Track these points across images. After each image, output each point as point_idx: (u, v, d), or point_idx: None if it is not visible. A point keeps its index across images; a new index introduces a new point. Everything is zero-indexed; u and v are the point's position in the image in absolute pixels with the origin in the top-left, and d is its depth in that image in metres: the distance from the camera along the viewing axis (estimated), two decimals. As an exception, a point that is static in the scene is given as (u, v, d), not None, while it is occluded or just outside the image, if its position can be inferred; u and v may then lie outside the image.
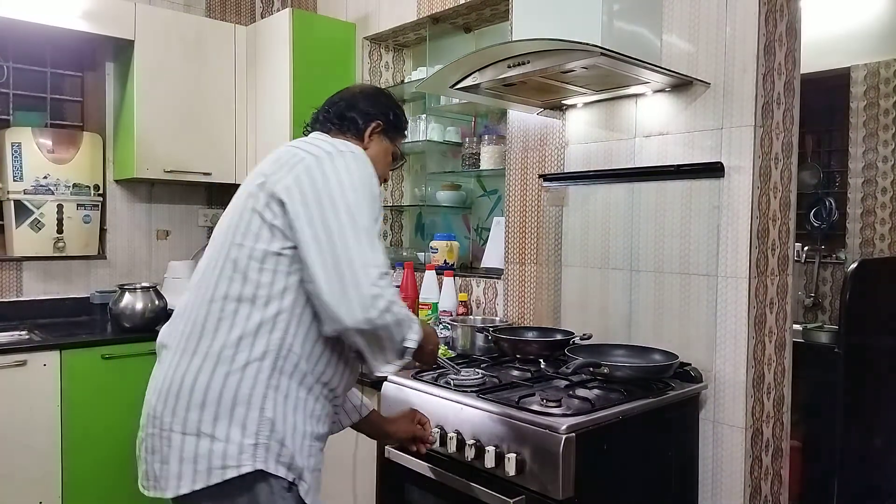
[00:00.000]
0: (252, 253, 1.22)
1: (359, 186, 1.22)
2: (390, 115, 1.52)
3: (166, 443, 1.19)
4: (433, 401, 1.79)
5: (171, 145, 2.99)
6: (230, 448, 1.17)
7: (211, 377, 1.18)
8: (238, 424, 1.18)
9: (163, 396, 1.21)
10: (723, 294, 1.90)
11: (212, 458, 1.16)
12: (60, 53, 3.14)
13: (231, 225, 1.27)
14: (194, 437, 1.17)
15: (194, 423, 1.17)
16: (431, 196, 3.04)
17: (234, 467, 1.16)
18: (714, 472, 1.92)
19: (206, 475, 1.16)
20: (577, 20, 1.87)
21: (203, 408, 1.18)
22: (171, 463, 1.18)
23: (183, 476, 1.17)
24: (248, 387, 1.19)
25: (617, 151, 2.17)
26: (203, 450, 1.17)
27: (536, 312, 2.42)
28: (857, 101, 3.01)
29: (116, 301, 2.75)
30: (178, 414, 1.18)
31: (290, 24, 2.92)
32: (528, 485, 1.53)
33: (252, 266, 1.22)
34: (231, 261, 1.23)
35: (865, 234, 2.98)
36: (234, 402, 1.18)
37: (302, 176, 1.21)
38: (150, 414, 1.23)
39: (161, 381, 1.24)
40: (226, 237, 1.27)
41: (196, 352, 1.21)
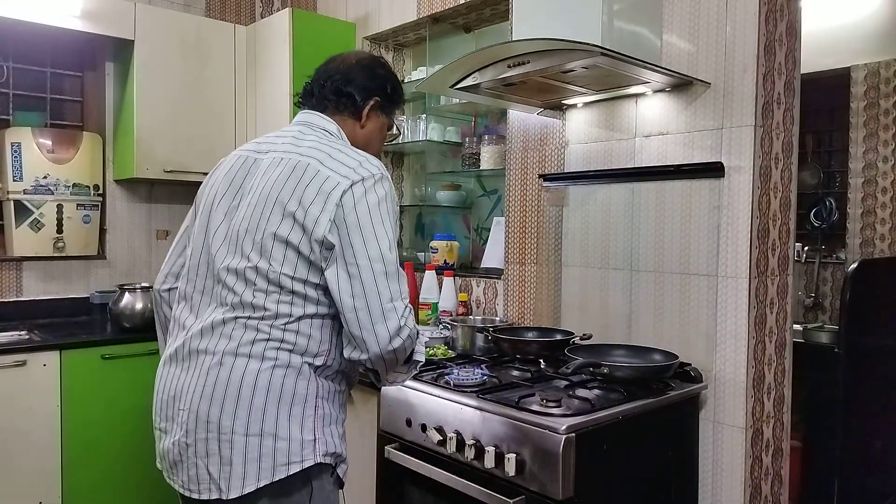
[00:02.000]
0: (283, 271, 1.26)
1: (387, 219, 1.28)
2: (388, 89, 1.48)
3: (227, 445, 1.22)
4: (433, 401, 1.79)
5: (171, 145, 2.99)
6: (293, 445, 1.24)
7: (271, 379, 1.24)
8: (297, 423, 1.25)
9: (218, 400, 1.24)
10: (723, 294, 1.90)
11: (276, 456, 1.22)
12: (60, 53, 3.14)
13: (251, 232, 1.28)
14: (257, 438, 1.22)
15: (258, 425, 1.22)
16: (431, 196, 3.04)
17: (298, 462, 1.24)
18: (714, 472, 1.92)
19: (270, 472, 1.22)
20: (577, 20, 1.87)
21: (265, 410, 1.23)
22: (234, 464, 1.22)
23: (248, 475, 1.22)
24: (304, 387, 1.26)
25: (617, 151, 2.17)
26: (267, 449, 1.22)
27: (536, 312, 2.42)
28: (857, 101, 3.01)
29: (116, 301, 2.75)
30: (241, 417, 1.22)
31: (290, 23, 2.92)
32: (528, 485, 1.53)
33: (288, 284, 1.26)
34: (263, 275, 1.26)
35: (866, 234, 2.98)
36: (294, 400, 1.25)
37: (339, 214, 1.24)
38: (202, 418, 1.24)
39: (212, 385, 1.25)
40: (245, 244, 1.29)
41: (251, 356, 1.24)
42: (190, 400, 1.27)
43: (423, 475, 1.77)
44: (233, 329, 1.27)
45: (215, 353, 1.27)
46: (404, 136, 3.06)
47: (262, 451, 1.22)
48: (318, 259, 1.25)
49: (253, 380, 1.23)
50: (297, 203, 1.25)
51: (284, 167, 1.30)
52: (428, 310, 2.62)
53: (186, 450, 1.27)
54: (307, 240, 1.24)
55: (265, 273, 1.26)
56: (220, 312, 1.29)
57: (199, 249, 1.38)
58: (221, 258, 1.32)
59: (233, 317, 1.27)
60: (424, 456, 1.77)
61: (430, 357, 2.20)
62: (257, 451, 1.22)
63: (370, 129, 1.47)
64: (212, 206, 1.38)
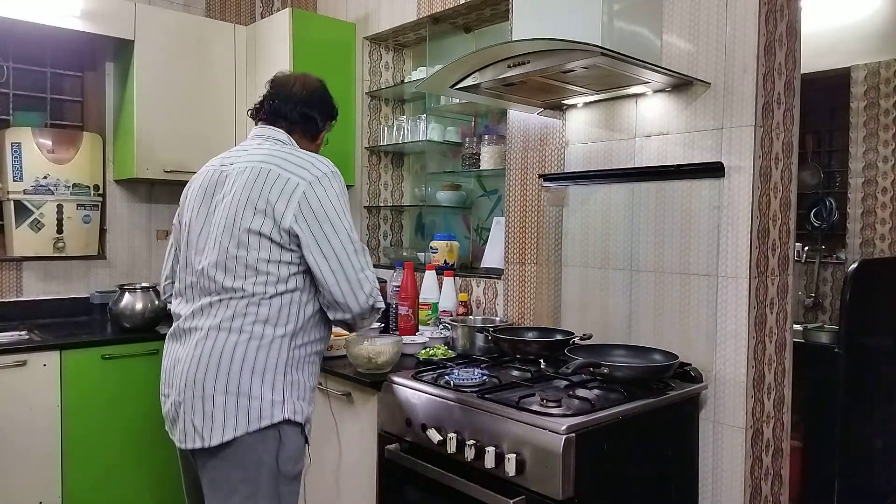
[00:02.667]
0: (260, 256, 1.52)
1: (345, 208, 1.57)
2: (335, 111, 1.82)
3: (210, 402, 1.49)
4: (433, 401, 1.80)
5: (171, 145, 2.99)
6: (265, 404, 1.51)
7: (246, 349, 1.51)
8: (269, 386, 1.52)
9: (203, 366, 1.51)
10: (723, 294, 1.90)
11: (250, 413, 1.50)
12: (60, 53, 3.14)
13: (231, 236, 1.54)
14: (234, 396, 1.49)
15: (234, 385, 1.49)
16: (431, 196, 3.04)
17: (268, 418, 1.51)
18: (714, 472, 1.92)
19: (245, 425, 1.49)
20: (577, 20, 1.87)
21: (241, 373, 1.50)
22: (215, 418, 1.49)
23: (226, 427, 1.49)
24: (275, 357, 1.53)
25: (617, 151, 2.17)
26: (242, 406, 1.49)
27: (536, 312, 2.42)
28: (858, 101, 3.01)
29: (116, 301, 2.75)
30: (221, 379, 1.49)
31: (290, 24, 2.92)
32: (528, 485, 1.53)
33: (263, 267, 1.53)
34: (242, 262, 1.53)
35: (866, 234, 2.98)
36: (265, 370, 1.52)
37: (303, 206, 1.52)
38: (190, 382, 1.51)
39: (199, 355, 1.51)
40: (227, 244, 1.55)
41: (231, 330, 1.51)
42: (183, 367, 1.54)
43: (423, 475, 1.77)
44: (217, 309, 1.54)
45: (201, 328, 1.54)
46: (404, 136, 3.06)
47: (239, 407, 1.49)
48: (287, 243, 1.52)
49: (231, 350, 1.51)
50: (266, 202, 1.52)
51: (250, 174, 1.56)
52: (428, 310, 2.62)
53: (180, 407, 1.53)
54: (276, 229, 1.52)
55: (244, 260, 1.53)
56: (207, 299, 1.56)
57: (185, 253, 1.65)
58: (205, 257, 1.58)
59: (217, 300, 1.54)
60: (424, 456, 1.78)
61: (430, 357, 2.20)
62: (234, 408, 1.49)
63: (318, 143, 1.82)
64: (190, 217, 1.65)
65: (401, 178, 3.39)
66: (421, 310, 2.64)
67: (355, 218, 3.27)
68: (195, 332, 1.55)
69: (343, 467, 2.15)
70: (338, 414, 2.16)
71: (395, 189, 3.37)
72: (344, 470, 2.15)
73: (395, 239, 3.38)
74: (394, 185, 3.37)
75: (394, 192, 3.37)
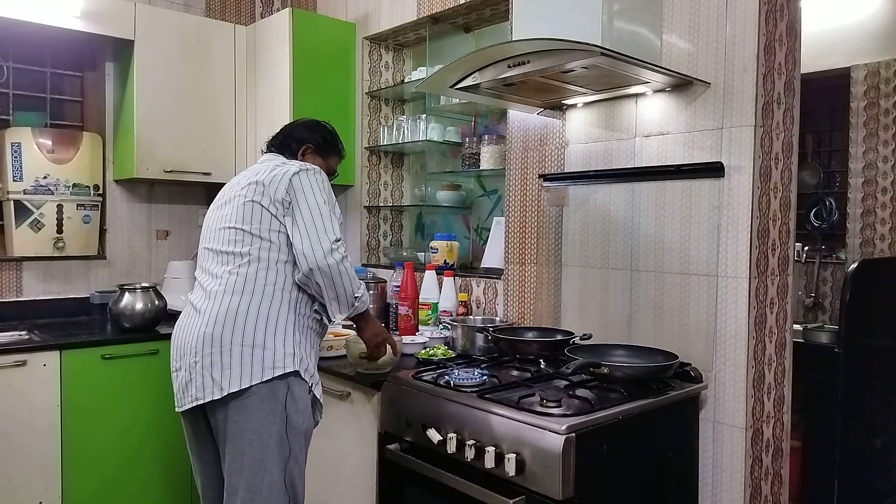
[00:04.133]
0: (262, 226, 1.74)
1: (322, 188, 1.79)
2: (319, 140, 2.01)
3: (228, 354, 1.65)
4: (433, 401, 1.80)
5: (170, 145, 2.99)
6: (277, 354, 1.66)
7: (259, 307, 1.68)
8: (281, 338, 1.68)
9: (220, 322, 1.67)
10: (723, 294, 1.90)
11: (265, 363, 1.65)
12: (60, 53, 3.14)
13: (237, 213, 1.77)
14: (250, 348, 1.65)
15: (250, 338, 1.65)
16: (431, 196, 3.04)
17: (282, 367, 1.66)
18: (714, 472, 1.92)
19: (260, 373, 1.64)
20: (577, 20, 1.87)
21: (256, 328, 1.66)
22: (232, 368, 1.64)
23: (243, 376, 1.63)
24: (284, 316, 1.71)
25: (617, 151, 2.17)
26: (258, 357, 1.65)
27: (536, 312, 2.42)
28: (857, 101, 3.01)
29: (116, 301, 2.75)
30: (237, 332, 1.65)
31: (290, 24, 2.92)
32: (528, 485, 1.53)
33: (266, 235, 1.74)
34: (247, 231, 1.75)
35: (865, 234, 2.98)
36: (277, 323, 1.68)
37: (292, 184, 1.76)
38: (208, 338, 1.66)
39: (216, 313, 1.68)
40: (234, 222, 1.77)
41: (244, 292, 1.69)
42: (199, 328, 1.69)
43: (423, 475, 1.77)
44: (226, 276, 1.72)
45: (213, 293, 1.72)
46: (404, 136, 3.06)
47: (254, 358, 1.64)
48: (280, 214, 1.73)
49: (246, 307, 1.68)
50: (264, 184, 1.76)
51: (249, 174, 1.83)
52: (428, 310, 2.62)
53: (195, 366, 1.67)
54: (271, 202, 1.74)
55: (248, 230, 1.74)
56: (215, 267, 1.75)
57: (200, 249, 1.87)
58: (216, 235, 1.80)
59: (226, 269, 1.73)
60: (424, 456, 1.78)
61: (430, 357, 2.20)
62: (250, 358, 1.64)
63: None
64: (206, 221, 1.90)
65: (401, 178, 3.39)
66: (421, 310, 2.64)
67: (355, 218, 3.27)
68: (206, 298, 1.73)
69: (343, 467, 2.15)
70: (338, 414, 2.16)
71: (394, 189, 3.37)
72: (344, 470, 2.14)
73: (394, 239, 3.38)
74: (394, 185, 3.37)
75: (394, 192, 3.37)
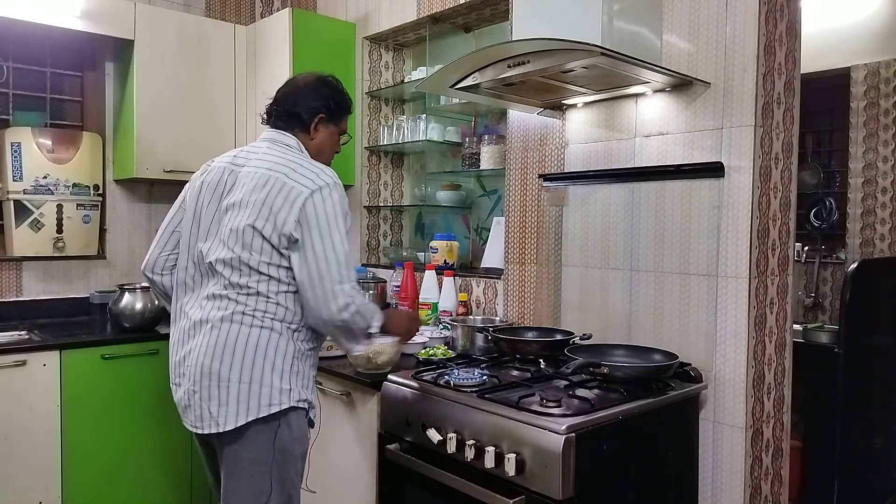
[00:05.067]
0: (262, 259, 1.61)
1: (339, 220, 1.63)
2: (331, 104, 1.79)
3: (225, 390, 1.59)
4: (433, 401, 1.80)
5: (170, 145, 2.99)
6: (274, 392, 1.61)
7: (258, 342, 1.61)
8: (278, 375, 1.62)
9: (218, 356, 1.60)
10: (723, 294, 1.90)
11: (261, 399, 1.60)
12: (60, 53, 3.14)
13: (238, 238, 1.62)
14: (248, 385, 1.59)
15: (248, 374, 1.59)
16: (431, 196, 3.04)
17: (277, 404, 1.61)
18: (714, 472, 1.92)
19: (256, 410, 1.60)
20: (577, 20, 1.87)
21: (254, 364, 1.60)
22: (229, 405, 1.59)
23: (239, 413, 1.59)
24: (283, 349, 1.63)
25: (617, 151, 2.17)
26: (254, 393, 1.60)
27: (536, 312, 2.42)
28: (857, 101, 3.01)
29: (116, 301, 2.75)
30: (235, 368, 1.59)
31: (290, 23, 2.92)
32: (528, 485, 1.53)
33: (265, 270, 1.62)
34: (246, 263, 1.62)
35: (865, 234, 2.98)
36: (275, 359, 1.62)
37: (302, 214, 1.60)
38: (206, 371, 1.60)
39: (213, 345, 1.60)
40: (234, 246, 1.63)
41: (243, 323, 1.61)
42: (196, 358, 1.62)
43: (423, 475, 1.77)
44: (226, 303, 1.62)
45: (212, 320, 1.62)
46: (404, 136, 3.06)
47: (251, 394, 1.59)
48: (285, 248, 1.61)
49: (244, 340, 1.60)
50: (269, 209, 1.60)
51: (258, 181, 1.63)
52: (428, 310, 2.62)
53: (194, 395, 1.63)
54: (277, 234, 1.60)
55: (247, 261, 1.61)
56: (215, 289, 1.64)
57: (192, 246, 1.71)
58: (214, 253, 1.65)
59: (225, 294, 1.63)
60: (424, 456, 1.77)
61: (430, 357, 2.20)
62: (247, 395, 1.59)
63: (320, 139, 1.80)
64: (201, 211, 1.71)
65: (401, 177, 3.39)
66: (421, 310, 2.64)
67: (355, 218, 3.27)
68: (206, 324, 1.63)
69: (343, 467, 2.15)
70: (338, 414, 2.16)
71: (394, 189, 3.37)
72: (344, 470, 2.14)
73: (394, 239, 3.38)
74: (394, 185, 3.37)
75: (394, 192, 3.37)
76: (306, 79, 1.81)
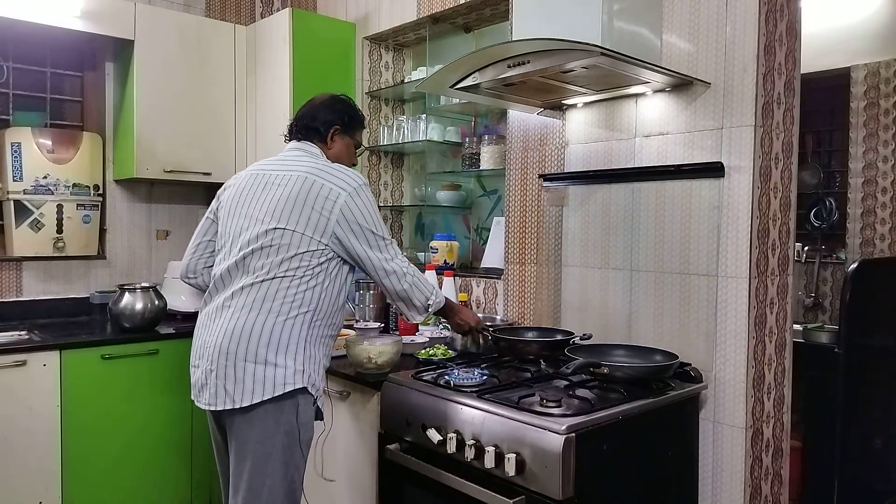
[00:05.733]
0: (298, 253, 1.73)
1: (375, 212, 1.80)
2: (345, 118, 1.96)
3: (241, 369, 1.68)
4: (433, 401, 1.80)
5: (170, 145, 2.99)
6: (287, 372, 1.69)
7: (273, 325, 1.70)
8: (291, 356, 1.71)
9: (235, 338, 1.69)
10: (723, 294, 1.90)
11: (275, 379, 1.68)
12: (60, 53, 3.14)
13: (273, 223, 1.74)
14: (262, 365, 1.68)
15: (262, 356, 1.68)
16: (431, 196, 3.04)
17: (292, 384, 1.69)
18: (714, 472, 1.92)
19: (271, 390, 1.68)
20: (577, 20, 1.87)
21: (268, 346, 1.69)
22: (245, 383, 1.68)
23: (255, 391, 1.67)
24: (297, 332, 1.72)
25: (617, 151, 2.17)
26: (269, 373, 1.68)
27: (536, 312, 2.42)
28: (857, 101, 3.01)
29: (116, 301, 2.75)
30: (251, 349, 1.68)
31: (290, 23, 2.92)
32: (528, 485, 1.53)
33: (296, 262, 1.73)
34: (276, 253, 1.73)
35: (865, 234, 2.98)
36: (288, 342, 1.71)
37: (344, 213, 1.75)
38: (223, 350, 1.70)
39: (231, 328, 1.70)
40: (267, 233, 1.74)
41: (261, 309, 1.71)
42: (216, 340, 1.72)
43: (423, 475, 1.77)
44: (250, 291, 1.73)
45: (235, 307, 1.73)
46: (404, 136, 3.06)
47: (266, 374, 1.68)
48: (323, 244, 1.73)
49: (261, 326, 1.70)
50: (311, 208, 1.73)
51: (296, 181, 1.76)
52: (428, 310, 2.62)
53: (210, 374, 1.72)
54: (318, 231, 1.73)
55: (281, 253, 1.72)
56: (242, 282, 1.75)
57: (228, 242, 1.83)
58: (247, 245, 1.76)
59: (250, 283, 1.73)
60: (424, 456, 1.78)
61: (430, 357, 2.20)
62: (262, 375, 1.68)
63: (337, 149, 1.95)
64: (235, 212, 1.83)
65: (401, 178, 3.39)
66: (421, 310, 2.63)
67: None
68: (229, 310, 1.75)
69: (343, 467, 2.15)
70: (338, 414, 2.16)
71: (394, 189, 3.37)
72: (344, 470, 2.14)
73: (395, 239, 3.38)
74: (394, 185, 3.37)
75: (394, 192, 3.37)
76: (322, 98, 2.00)
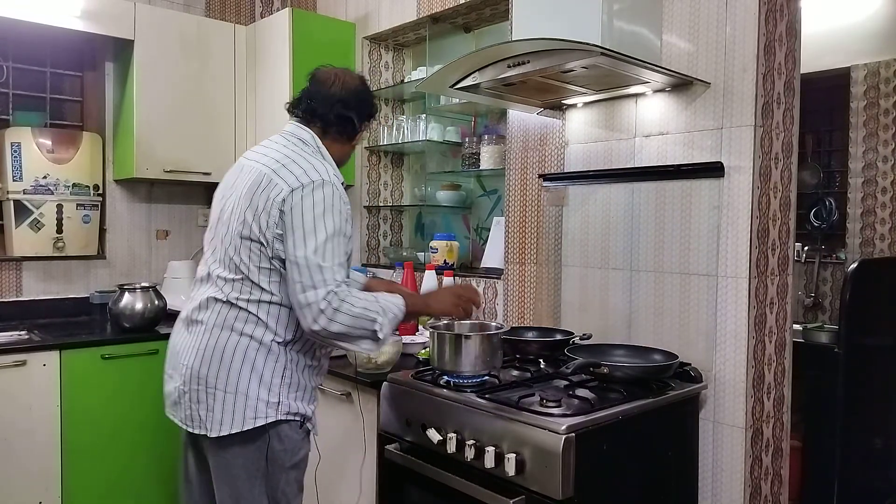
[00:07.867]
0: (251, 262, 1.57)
1: (317, 220, 1.52)
2: (374, 110, 1.80)
3: (212, 397, 1.57)
4: (433, 401, 1.79)
5: (170, 145, 2.99)
6: (259, 404, 1.57)
7: (246, 351, 1.57)
8: (265, 387, 1.58)
9: (206, 361, 1.57)
10: (723, 294, 1.90)
11: (246, 412, 1.56)
12: (60, 53, 3.14)
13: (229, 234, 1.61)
14: (233, 395, 1.56)
15: (234, 385, 1.56)
16: (431, 196, 3.04)
17: (262, 418, 1.57)
18: (714, 472, 1.92)
19: (241, 423, 1.56)
20: (577, 20, 1.87)
21: (240, 374, 1.56)
22: (215, 411, 1.57)
23: (224, 422, 1.56)
24: (273, 360, 1.58)
25: (617, 151, 2.17)
26: (240, 405, 1.56)
27: (536, 312, 2.42)
28: (857, 101, 3.01)
29: (116, 301, 2.75)
30: (221, 377, 1.56)
31: (290, 23, 2.92)
32: (527, 485, 1.53)
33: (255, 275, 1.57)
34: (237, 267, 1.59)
35: (865, 234, 2.98)
36: (263, 371, 1.57)
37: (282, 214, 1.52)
38: (195, 374, 1.58)
39: (205, 348, 1.58)
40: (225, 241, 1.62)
41: (233, 329, 1.57)
42: (188, 358, 1.61)
43: (423, 475, 1.77)
44: (222, 307, 1.60)
45: (206, 323, 1.61)
46: (404, 136, 3.06)
47: (236, 406, 1.56)
48: (270, 251, 1.55)
49: (233, 349, 1.57)
50: (254, 210, 1.56)
51: (251, 178, 1.60)
52: (428, 310, 2.62)
53: (184, 395, 1.61)
54: (261, 235, 1.54)
55: (239, 265, 1.58)
56: (214, 293, 1.62)
57: (208, 242, 1.72)
58: (213, 255, 1.66)
59: (223, 298, 1.60)
60: (424, 456, 1.78)
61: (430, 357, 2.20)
62: (232, 405, 1.56)
63: (339, 147, 1.75)
64: (219, 210, 1.70)
65: (400, 177, 3.39)
66: (421, 310, 2.63)
67: (355, 218, 3.26)
68: (200, 325, 1.62)
69: (343, 467, 2.15)
70: (338, 414, 2.16)
71: (394, 189, 3.37)
72: (344, 470, 2.14)
73: (394, 239, 3.38)
74: (393, 185, 3.37)
75: (394, 192, 3.37)
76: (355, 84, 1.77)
